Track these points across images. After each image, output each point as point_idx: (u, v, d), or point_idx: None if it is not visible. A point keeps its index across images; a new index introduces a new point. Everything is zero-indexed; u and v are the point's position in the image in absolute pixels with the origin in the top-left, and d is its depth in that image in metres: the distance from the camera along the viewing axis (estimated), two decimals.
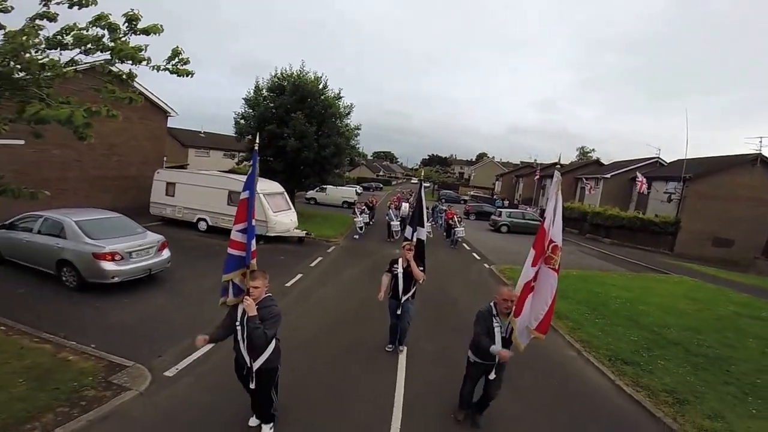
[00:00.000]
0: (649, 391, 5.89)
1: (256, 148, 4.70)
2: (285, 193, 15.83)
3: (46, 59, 4.81)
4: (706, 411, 5.41)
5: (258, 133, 6.35)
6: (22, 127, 5.08)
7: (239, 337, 3.83)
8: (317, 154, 18.28)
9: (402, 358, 6.27)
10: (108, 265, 7.17)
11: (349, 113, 20.54)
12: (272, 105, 18.82)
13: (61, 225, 7.51)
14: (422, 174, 8.94)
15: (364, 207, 19.79)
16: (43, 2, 5.10)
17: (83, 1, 5.21)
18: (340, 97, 20.10)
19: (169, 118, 19.36)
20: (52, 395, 4.29)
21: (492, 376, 4.44)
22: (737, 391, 6.08)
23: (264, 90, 19.50)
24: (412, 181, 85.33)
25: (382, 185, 66.57)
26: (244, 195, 4.35)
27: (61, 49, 5.34)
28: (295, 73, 19.25)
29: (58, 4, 5.19)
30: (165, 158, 19.58)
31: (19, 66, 4.76)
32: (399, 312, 6.17)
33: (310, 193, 29.55)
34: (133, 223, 8.62)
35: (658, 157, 33.75)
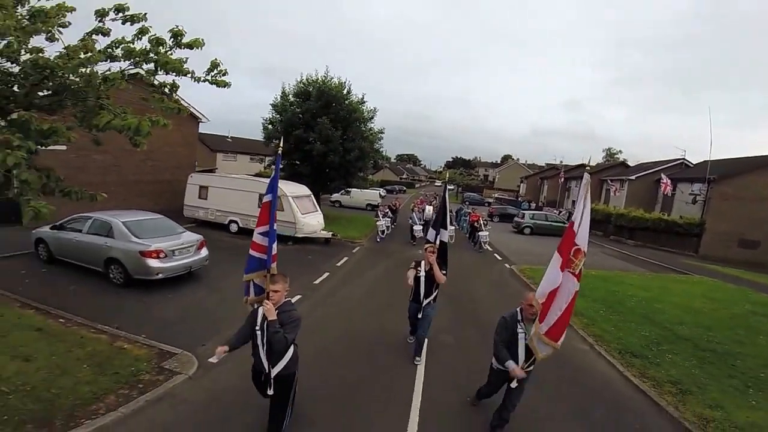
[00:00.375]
0: (654, 382, 6.17)
1: (280, 152, 4.85)
2: (312, 195, 16.40)
3: (108, 72, 5.39)
4: (707, 401, 5.65)
5: (282, 137, 6.55)
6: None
7: (258, 341, 3.76)
8: (342, 158, 18.80)
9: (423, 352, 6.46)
10: (153, 263, 7.82)
11: (372, 117, 21.03)
12: (299, 110, 19.43)
13: (110, 225, 8.23)
14: (446, 176, 9.02)
15: (387, 210, 19.87)
16: (99, 19, 5.69)
17: (135, 17, 5.77)
18: (364, 102, 20.61)
19: (199, 124, 20.35)
20: (113, 379, 4.85)
21: (514, 384, 4.34)
22: (740, 384, 6.28)
23: (290, 95, 20.18)
24: (436, 184, 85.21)
25: (405, 188, 66.86)
26: (267, 198, 4.37)
27: (111, 61, 5.92)
28: (320, 79, 19.86)
29: (113, 20, 5.78)
30: (196, 163, 20.54)
31: (79, 78, 5.33)
32: (420, 315, 6.03)
33: (335, 196, 30.15)
34: (174, 223, 9.33)
35: (684, 159, 33.13)
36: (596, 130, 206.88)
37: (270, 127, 19.96)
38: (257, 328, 3.77)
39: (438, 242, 6.38)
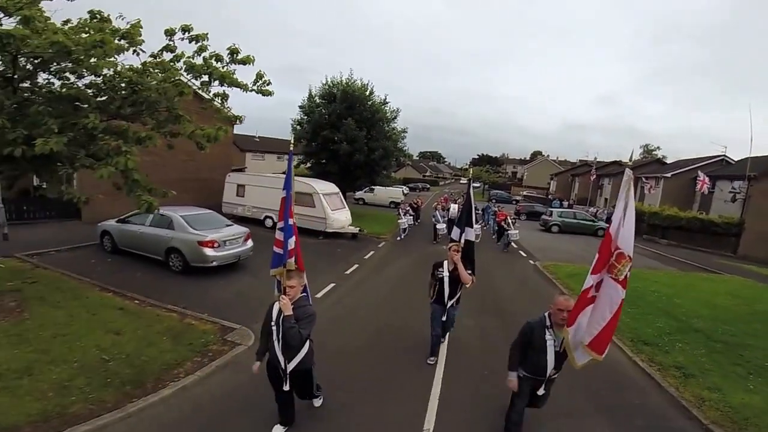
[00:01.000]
0: (660, 366, 6.60)
1: (291, 149, 4.93)
2: (340, 193, 17.31)
3: (183, 87, 6.35)
4: (707, 384, 6.04)
5: (293, 136, 7.19)
6: None
7: (274, 337, 3.83)
8: (367, 157, 19.67)
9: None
10: (209, 251, 8.88)
11: (395, 117, 21.83)
12: (324, 112, 20.36)
13: (170, 219, 9.34)
14: (471, 173, 9.16)
15: (408, 208, 19.75)
16: (169, 38, 6.65)
17: (200, 36, 6.70)
18: (386, 103, 21.42)
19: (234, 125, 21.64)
20: (188, 348, 5.80)
21: (541, 391, 4.17)
22: (742, 371, 6.58)
23: (316, 97, 21.20)
24: (461, 182, 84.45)
25: (429, 186, 66.72)
26: (283, 194, 4.30)
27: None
28: (344, 81, 20.74)
29: (181, 39, 6.72)
30: (234, 165, 21.88)
31: (158, 93, 6.31)
32: (444, 318, 5.89)
33: (359, 194, 30.96)
34: (222, 217, 10.47)
35: (724, 155, 31.88)
36: (635, 124, 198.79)
37: (299, 128, 21.04)
38: (273, 323, 3.84)
39: (463, 241, 6.18)
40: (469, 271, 5.81)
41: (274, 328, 3.82)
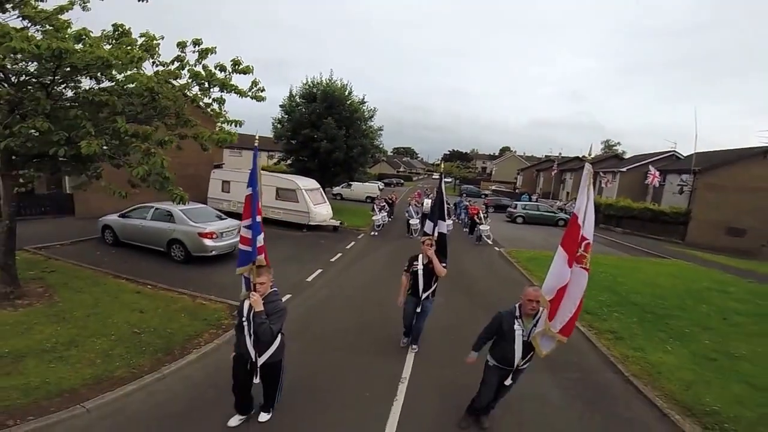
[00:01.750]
0: (597, 331, 7.94)
1: (256, 144, 5.03)
2: (321, 188, 18.32)
3: (192, 94, 7.21)
4: (633, 345, 7.35)
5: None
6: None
7: (246, 332, 3.90)
8: (346, 155, 20.66)
9: None
10: (209, 242, 9.80)
11: (372, 116, 22.89)
12: (305, 111, 21.18)
13: (171, 213, 10.18)
14: (443, 168, 9.89)
15: (383, 204, 20.24)
16: (181, 49, 7.44)
17: (209, 50, 7.51)
18: (364, 102, 22.46)
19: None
20: (204, 323, 6.77)
21: (509, 381, 4.29)
22: (665, 336, 7.88)
23: (297, 97, 22.01)
24: (434, 177, 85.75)
25: (403, 181, 68.09)
26: (248, 192, 4.30)
27: (175, 79, 7.61)
28: (324, 81, 21.64)
29: (193, 52, 7.53)
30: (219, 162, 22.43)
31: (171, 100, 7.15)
32: (418, 310, 6.00)
33: (336, 189, 31.76)
34: (215, 211, 11.38)
35: (674, 151, 34.65)
36: (599, 120, 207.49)
37: (279, 126, 21.83)
38: (244, 319, 3.92)
39: (436, 234, 6.39)
40: (443, 264, 5.94)
41: (245, 323, 3.90)
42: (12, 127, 5.43)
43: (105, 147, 5.74)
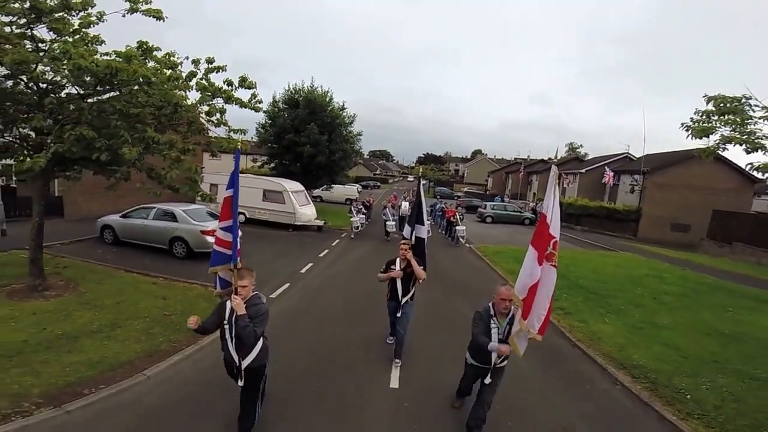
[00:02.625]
0: None
1: (239, 147, 5.28)
2: (305, 190, 19.42)
3: (206, 106, 8.14)
4: (578, 318, 8.87)
5: (243, 133, 8.24)
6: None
7: (227, 336, 3.81)
8: (328, 159, 21.86)
9: None
10: (210, 239, 10.68)
11: (352, 122, 24.19)
12: (288, 117, 22.25)
13: (173, 212, 11.11)
14: (420, 171, 10.80)
15: (361, 206, 20.18)
16: (194, 65, 8.28)
17: (221, 67, 8.42)
18: (344, 108, 23.75)
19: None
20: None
21: (488, 380, 4.32)
22: (604, 311, 9.41)
23: (280, 102, 23.04)
24: (409, 179, 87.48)
25: (379, 183, 69.21)
26: (228, 193, 4.21)
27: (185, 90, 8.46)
28: (306, 89, 22.78)
29: (208, 69, 8.38)
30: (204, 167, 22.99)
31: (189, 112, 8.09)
32: (399, 314, 5.97)
33: (317, 192, 32.82)
34: (211, 210, 12.31)
35: (628, 153, 37.60)
36: (565, 122, 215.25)
37: (263, 131, 22.78)
38: (225, 322, 3.83)
39: (413, 238, 6.45)
40: (422, 267, 5.94)
41: (227, 327, 3.83)
42: (63, 135, 6.28)
43: (141, 152, 6.71)
